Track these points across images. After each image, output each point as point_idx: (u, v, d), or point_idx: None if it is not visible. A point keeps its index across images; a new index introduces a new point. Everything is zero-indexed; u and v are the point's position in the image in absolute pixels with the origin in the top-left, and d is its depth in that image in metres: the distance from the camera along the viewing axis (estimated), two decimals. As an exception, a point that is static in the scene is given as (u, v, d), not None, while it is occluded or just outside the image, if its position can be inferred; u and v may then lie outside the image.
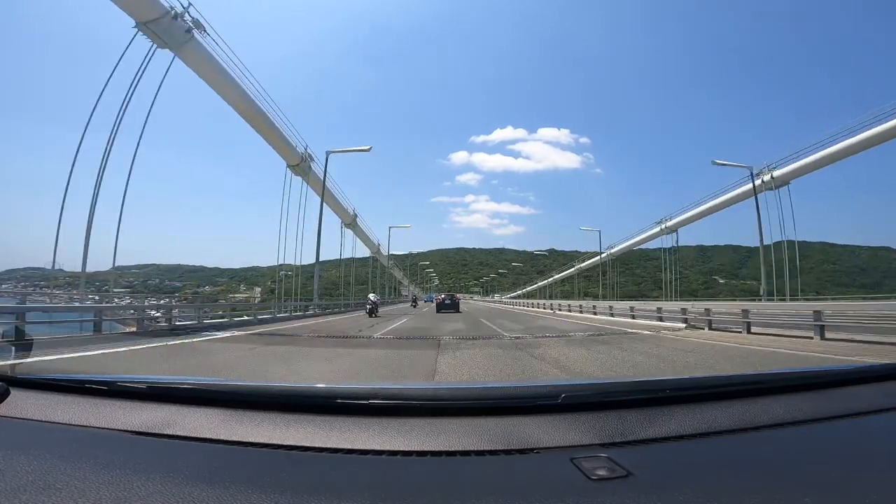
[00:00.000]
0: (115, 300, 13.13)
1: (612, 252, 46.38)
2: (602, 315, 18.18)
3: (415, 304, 32.64)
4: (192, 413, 0.93)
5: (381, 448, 0.80)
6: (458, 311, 22.76)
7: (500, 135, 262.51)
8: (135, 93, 15.37)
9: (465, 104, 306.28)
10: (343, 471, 0.73)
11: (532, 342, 7.91)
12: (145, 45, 15.94)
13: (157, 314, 12.31)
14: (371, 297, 18.86)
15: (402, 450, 0.80)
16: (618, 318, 16.17)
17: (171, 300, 18.22)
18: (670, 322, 12.66)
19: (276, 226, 27.24)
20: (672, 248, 37.11)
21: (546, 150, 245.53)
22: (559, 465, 0.73)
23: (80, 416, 0.94)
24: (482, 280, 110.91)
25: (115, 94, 15.35)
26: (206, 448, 0.82)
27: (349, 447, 0.80)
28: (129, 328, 10.44)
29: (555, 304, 28.99)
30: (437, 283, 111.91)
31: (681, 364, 5.51)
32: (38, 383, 1.11)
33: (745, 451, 0.83)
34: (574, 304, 24.57)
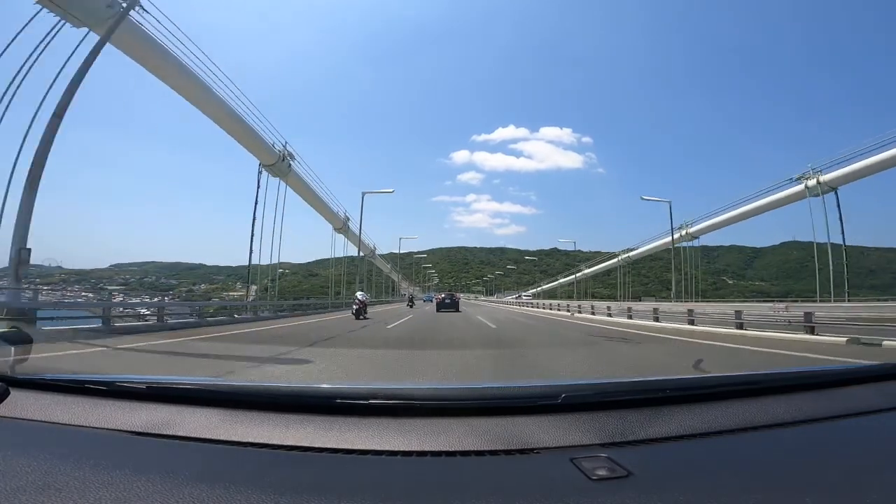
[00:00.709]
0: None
1: (631, 256, 45.83)
2: (646, 320, 14.13)
3: (411, 304, 30.51)
4: (192, 413, 0.94)
5: (381, 448, 0.81)
6: (457, 310, 23.13)
7: (501, 134, 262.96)
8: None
9: (467, 103, 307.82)
10: (343, 471, 0.74)
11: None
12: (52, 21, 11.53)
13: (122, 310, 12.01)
14: (358, 296, 16.35)
15: (402, 450, 0.81)
16: (712, 329, 11.21)
17: (163, 298, 18.03)
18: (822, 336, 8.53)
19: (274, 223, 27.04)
20: (689, 251, 35.90)
21: (548, 149, 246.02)
22: (559, 465, 0.74)
23: (79, 416, 0.95)
24: (485, 279, 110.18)
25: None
26: (205, 448, 0.83)
27: (349, 447, 0.81)
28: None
29: (575, 305, 23.68)
30: (437, 281, 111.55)
31: None
32: (38, 383, 1.11)
33: (745, 451, 0.84)
34: (600, 305, 20.21)
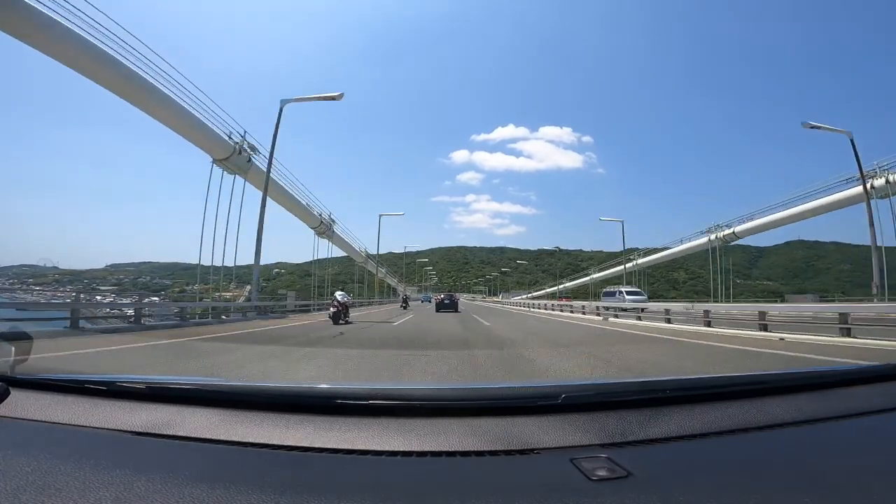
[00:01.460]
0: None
1: (653, 259, 45.27)
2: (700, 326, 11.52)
3: (405, 306, 29.24)
4: (192, 413, 0.96)
5: (381, 448, 0.82)
6: (456, 310, 23.50)
7: (501, 133, 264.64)
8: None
9: (466, 102, 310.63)
10: (343, 471, 0.75)
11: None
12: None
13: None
14: (338, 297, 13.82)
15: (402, 450, 0.82)
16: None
17: (140, 298, 17.84)
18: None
19: (273, 223, 26.24)
20: (721, 253, 33.64)
21: (548, 148, 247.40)
22: (559, 466, 0.75)
23: (79, 416, 0.96)
24: (487, 277, 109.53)
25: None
26: (205, 448, 0.84)
27: (349, 447, 0.82)
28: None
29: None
30: (436, 281, 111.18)
31: None
32: (38, 383, 1.13)
33: (745, 451, 0.86)
34: (655, 308, 16.82)
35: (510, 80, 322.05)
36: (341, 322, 12.98)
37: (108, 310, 13.34)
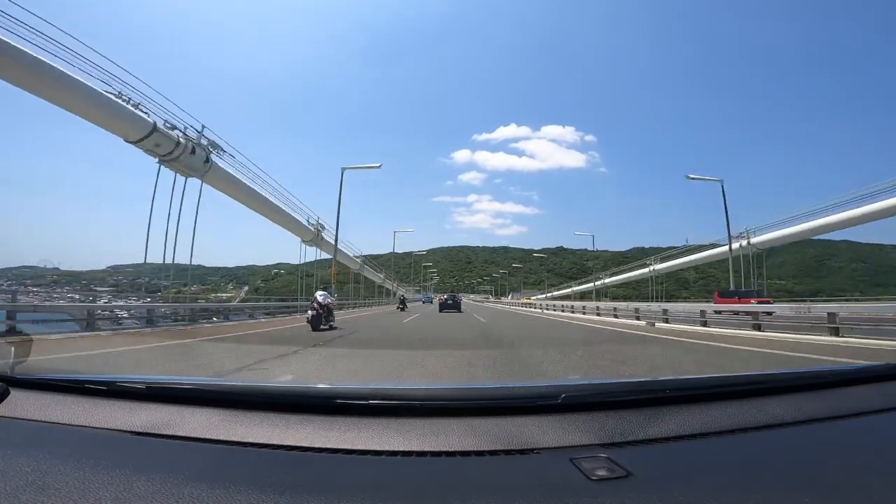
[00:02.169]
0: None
1: (676, 264, 45.22)
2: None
3: (402, 308, 27.77)
4: (192, 413, 0.97)
5: (381, 448, 0.84)
6: (459, 310, 23.89)
7: (503, 132, 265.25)
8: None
9: (467, 101, 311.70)
10: (343, 471, 0.77)
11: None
12: None
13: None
14: (318, 297, 11.98)
15: (402, 450, 0.83)
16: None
17: (150, 300, 18.03)
18: None
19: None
20: (752, 259, 34.23)
21: (550, 148, 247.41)
22: (559, 466, 0.76)
23: (79, 416, 0.98)
24: (492, 276, 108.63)
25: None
26: (205, 448, 0.85)
27: (349, 447, 0.84)
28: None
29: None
30: (437, 280, 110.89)
31: None
32: (38, 383, 1.15)
33: (745, 451, 0.87)
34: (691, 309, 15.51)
35: (511, 80, 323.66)
36: (322, 328, 11.24)
37: (120, 312, 13.52)
